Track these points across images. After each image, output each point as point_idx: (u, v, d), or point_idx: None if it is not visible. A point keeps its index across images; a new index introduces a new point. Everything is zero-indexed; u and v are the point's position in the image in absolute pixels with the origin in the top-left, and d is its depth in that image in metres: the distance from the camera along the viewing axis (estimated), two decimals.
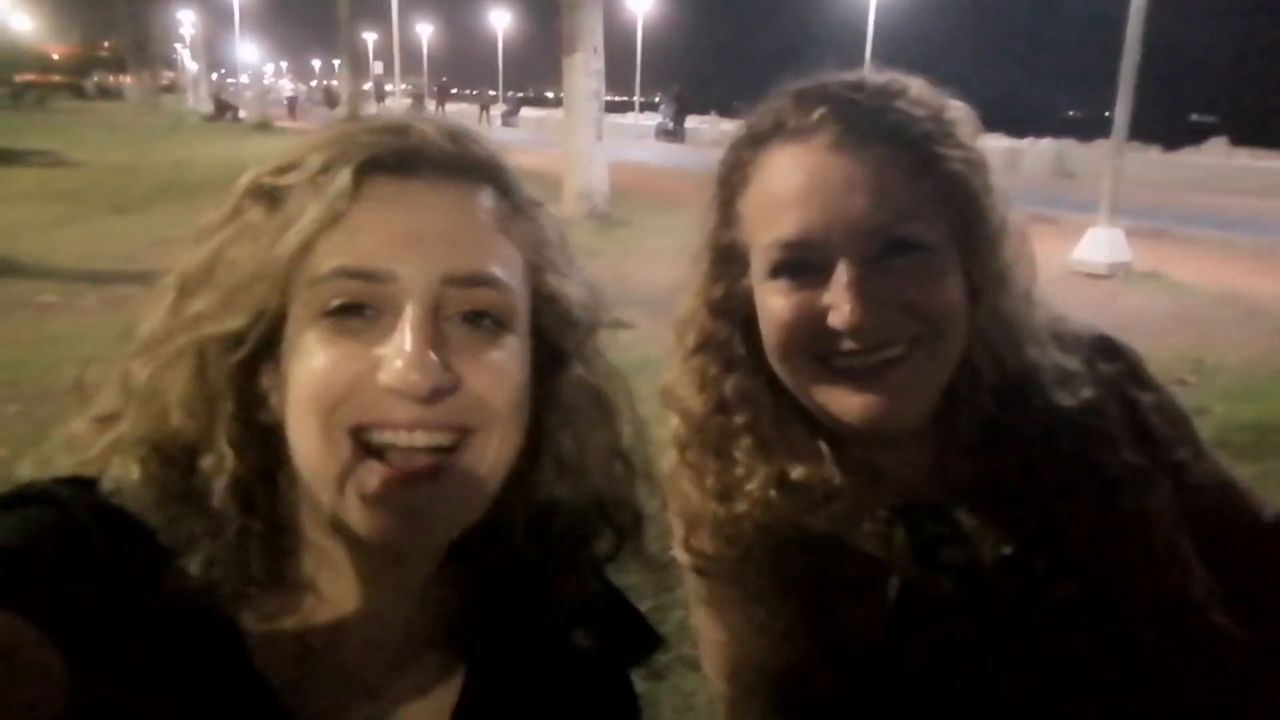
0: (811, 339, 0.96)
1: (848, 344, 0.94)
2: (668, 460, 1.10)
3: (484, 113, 42.80)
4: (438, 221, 0.74)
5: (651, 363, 1.17)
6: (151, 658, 0.69)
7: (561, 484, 0.85)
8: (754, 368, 1.05)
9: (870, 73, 1.02)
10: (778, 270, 0.97)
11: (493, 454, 0.75)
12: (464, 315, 0.74)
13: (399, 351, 0.70)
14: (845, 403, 0.96)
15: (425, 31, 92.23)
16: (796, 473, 1.02)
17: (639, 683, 1.00)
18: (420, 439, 0.71)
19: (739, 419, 1.05)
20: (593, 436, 0.85)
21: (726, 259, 1.04)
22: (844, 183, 0.94)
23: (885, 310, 0.93)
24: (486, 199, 0.78)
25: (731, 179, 1.03)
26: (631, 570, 1.07)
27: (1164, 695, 0.97)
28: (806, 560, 1.02)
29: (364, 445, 0.71)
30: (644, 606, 3.06)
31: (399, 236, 0.72)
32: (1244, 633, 0.99)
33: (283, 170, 0.75)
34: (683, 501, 1.09)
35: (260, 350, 0.75)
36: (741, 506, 1.04)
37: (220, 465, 0.74)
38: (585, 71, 12.61)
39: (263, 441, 0.76)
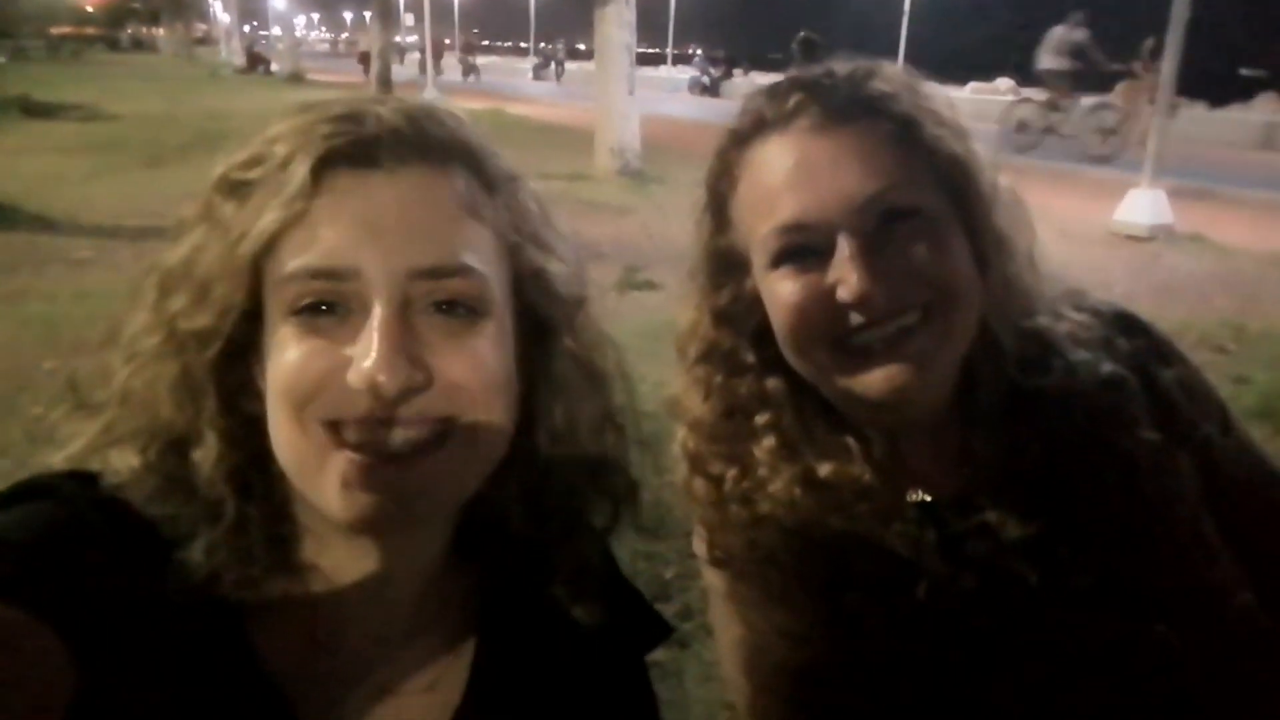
0: (824, 320, 0.95)
1: (859, 318, 0.94)
2: (680, 470, 1.10)
3: (558, 66, 41.11)
4: (400, 213, 0.72)
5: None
6: (156, 651, 0.69)
7: (554, 457, 0.84)
8: (769, 370, 1.05)
9: (837, 63, 1.03)
10: (780, 258, 0.97)
11: (479, 438, 0.74)
12: (436, 305, 0.72)
13: (366, 352, 0.68)
14: (868, 380, 0.95)
15: None
16: (824, 471, 1.01)
17: (660, 651, 1.00)
18: (397, 436, 0.70)
19: (760, 419, 1.05)
20: (584, 409, 0.85)
21: (726, 265, 1.04)
22: (831, 160, 0.95)
23: (892, 279, 0.92)
24: (453, 182, 0.75)
25: (720, 184, 1.04)
26: (660, 537, 1.05)
27: (1188, 681, 0.95)
28: (831, 560, 1.00)
29: (338, 436, 0.70)
30: (669, 574, 3.08)
31: (360, 231, 0.71)
32: (1273, 615, 0.97)
33: (249, 164, 0.74)
34: (700, 508, 1.08)
35: (243, 343, 0.74)
36: (765, 507, 1.03)
37: (210, 455, 0.74)
38: (617, 23, 12.44)
39: (253, 430, 0.75)
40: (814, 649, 1.01)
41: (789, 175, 0.96)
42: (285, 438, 0.72)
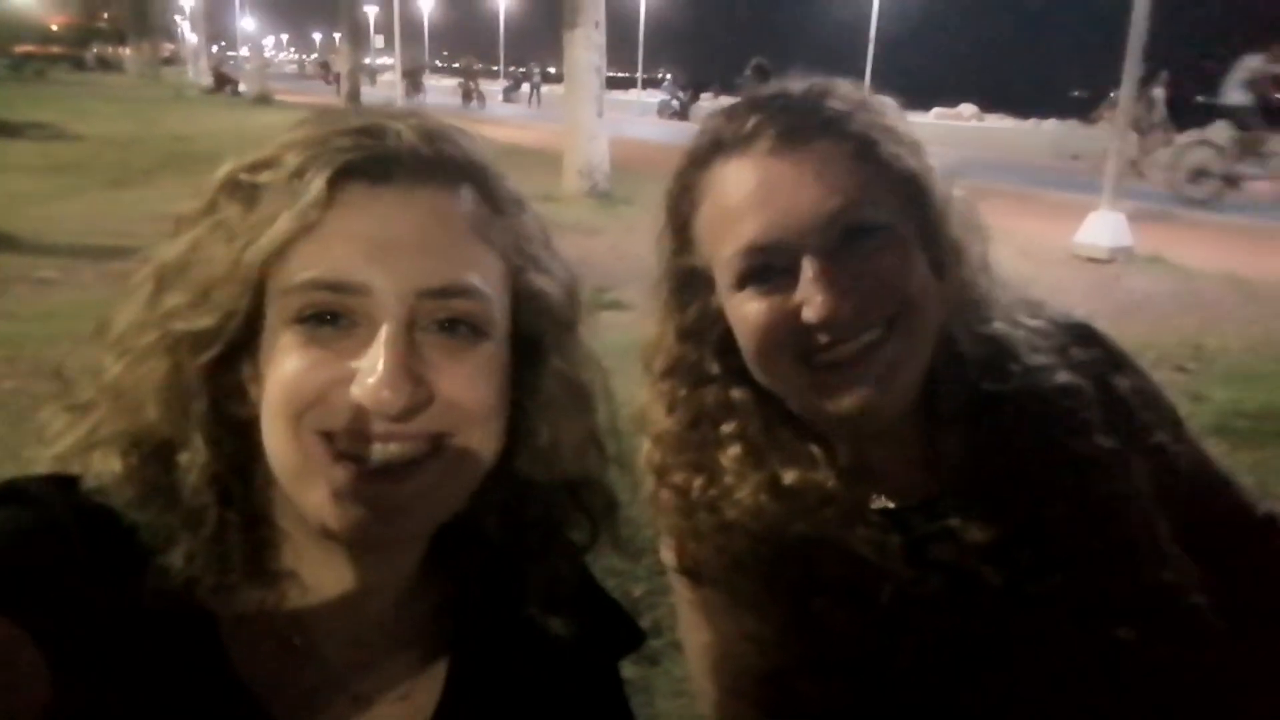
0: (790, 340, 0.96)
1: (825, 337, 0.95)
2: (646, 483, 1.11)
3: (534, 90, 40.44)
4: (412, 231, 0.73)
5: None
6: (131, 658, 0.69)
7: (536, 474, 0.85)
8: (734, 380, 1.06)
9: (792, 83, 1.05)
10: (744, 279, 0.98)
11: (469, 456, 0.75)
12: (439, 324, 0.73)
13: (372, 369, 0.69)
14: (835, 398, 0.97)
15: (426, 5, 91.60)
16: (789, 477, 1.03)
17: (630, 668, 1.00)
18: (394, 450, 0.71)
19: (726, 428, 1.06)
20: (569, 427, 0.85)
21: (689, 284, 1.06)
22: (791, 181, 0.96)
23: (855, 296, 0.94)
24: (464, 202, 0.77)
25: (681, 205, 1.05)
26: (622, 555, 1.06)
27: (1146, 683, 0.98)
28: (798, 566, 1.02)
29: (334, 448, 0.71)
30: (638, 591, 3.08)
31: (372, 248, 0.71)
32: (1223, 620, 1.00)
33: (259, 167, 0.74)
34: (667, 518, 1.10)
35: (237, 346, 0.74)
36: (731, 515, 1.04)
37: (196, 460, 0.74)
38: (586, 46, 12.51)
39: (239, 435, 0.75)
40: (781, 653, 1.02)
41: (749, 197, 0.97)
42: (280, 445, 0.72)
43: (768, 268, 0.97)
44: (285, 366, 0.71)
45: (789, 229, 0.95)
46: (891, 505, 1.05)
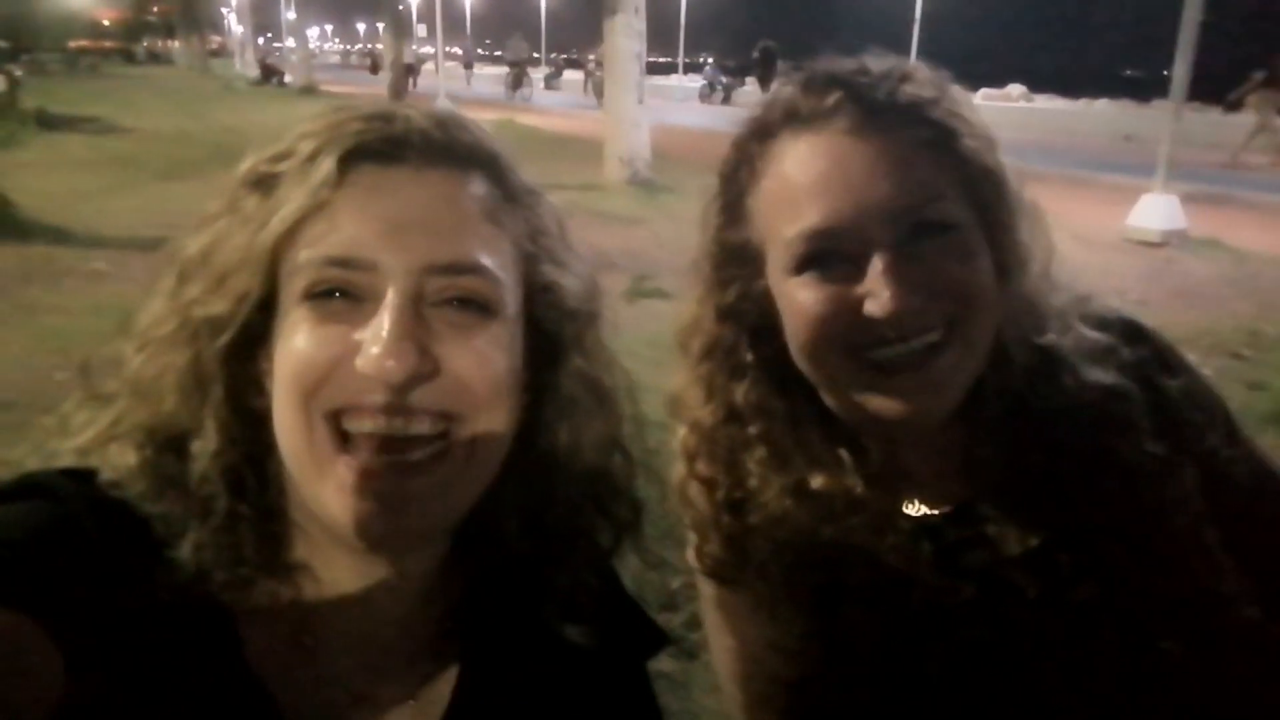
0: (846, 332, 0.92)
1: (884, 333, 0.90)
2: (677, 471, 1.08)
3: (588, 80, 36.34)
4: (421, 209, 0.73)
5: None
6: (145, 652, 0.69)
7: (557, 476, 0.84)
8: (764, 373, 1.02)
9: (871, 59, 0.98)
10: (804, 263, 0.93)
11: (478, 442, 0.74)
12: (448, 300, 0.73)
13: (376, 338, 0.69)
14: (886, 400, 0.93)
15: None
16: (816, 482, 1.00)
17: (669, 662, 1.00)
18: (399, 426, 0.70)
19: (752, 429, 1.02)
20: (590, 428, 0.84)
21: (737, 260, 1.00)
22: (868, 167, 0.91)
23: (921, 294, 0.89)
24: (475, 186, 0.77)
25: (738, 175, 0.99)
26: (668, 546, 1.05)
27: (1192, 694, 0.94)
28: (823, 572, 0.99)
29: (342, 434, 0.70)
30: (676, 583, 3.05)
31: (382, 225, 0.72)
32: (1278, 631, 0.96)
33: (277, 158, 0.75)
34: (693, 512, 1.07)
35: (254, 335, 0.75)
36: (755, 519, 1.01)
37: (209, 448, 0.74)
38: (626, 33, 12.46)
39: (254, 427, 0.75)
40: (806, 663, 1.00)
41: (822, 177, 0.92)
42: (291, 434, 0.72)
43: (832, 254, 0.92)
44: (295, 343, 0.71)
45: (862, 217, 0.90)
46: (924, 510, 1.02)
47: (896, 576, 0.97)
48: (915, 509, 1.02)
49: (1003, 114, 23.94)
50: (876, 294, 0.89)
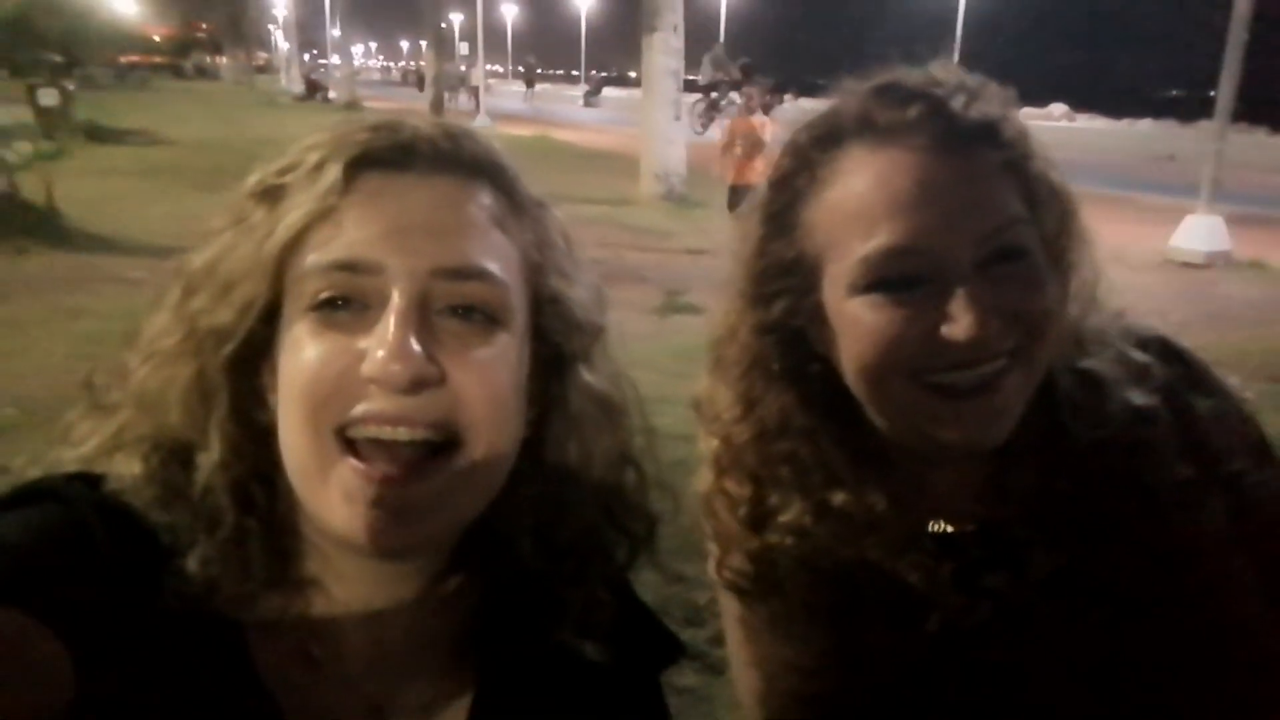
0: (914, 355, 0.88)
1: (956, 358, 0.87)
2: (703, 481, 1.06)
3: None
4: (427, 214, 0.72)
5: None
6: (154, 659, 0.69)
7: (567, 491, 0.82)
8: (795, 389, 0.99)
9: (939, 68, 0.94)
10: (876, 283, 0.89)
11: (481, 455, 0.73)
12: (453, 309, 0.72)
13: (381, 341, 0.68)
14: (951, 423, 0.89)
15: (510, 12, 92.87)
16: (838, 500, 0.97)
17: (693, 676, 0.98)
18: (403, 433, 0.69)
19: (777, 448, 1.00)
20: (599, 442, 0.83)
21: (785, 273, 0.95)
22: (951, 187, 0.87)
23: (995, 320, 0.86)
24: (482, 195, 0.76)
25: (795, 184, 0.94)
26: (693, 561, 1.03)
27: None
28: (842, 591, 0.97)
29: (348, 442, 0.69)
30: (702, 599, 3.02)
31: (387, 229, 0.71)
32: None
33: (283, 171, 0.75)
34: (716, 524, 1.05)
35: (258, 347, 0.74)
36: (774, 538, 0.99)
37: (215, 463, 0.73)
38: (664, 50, 12.53)
39: (261, 441, 0.75)
40: (824, 682, 0.98)
41: (903, 195, 0.87)
42: (296, 442, 0.71)
43: (907, 275, 0.88)
44: (302, 355, 0.70)
45: (943, 239, 0.86)
46: (947, 529, 0.99)
47: (916, 595, 0.95)
48: (938, 528, 1.00)
49: (1044, 133, 23.68)
50: (957, 319, 0.86)
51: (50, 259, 8.20)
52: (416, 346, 0.69)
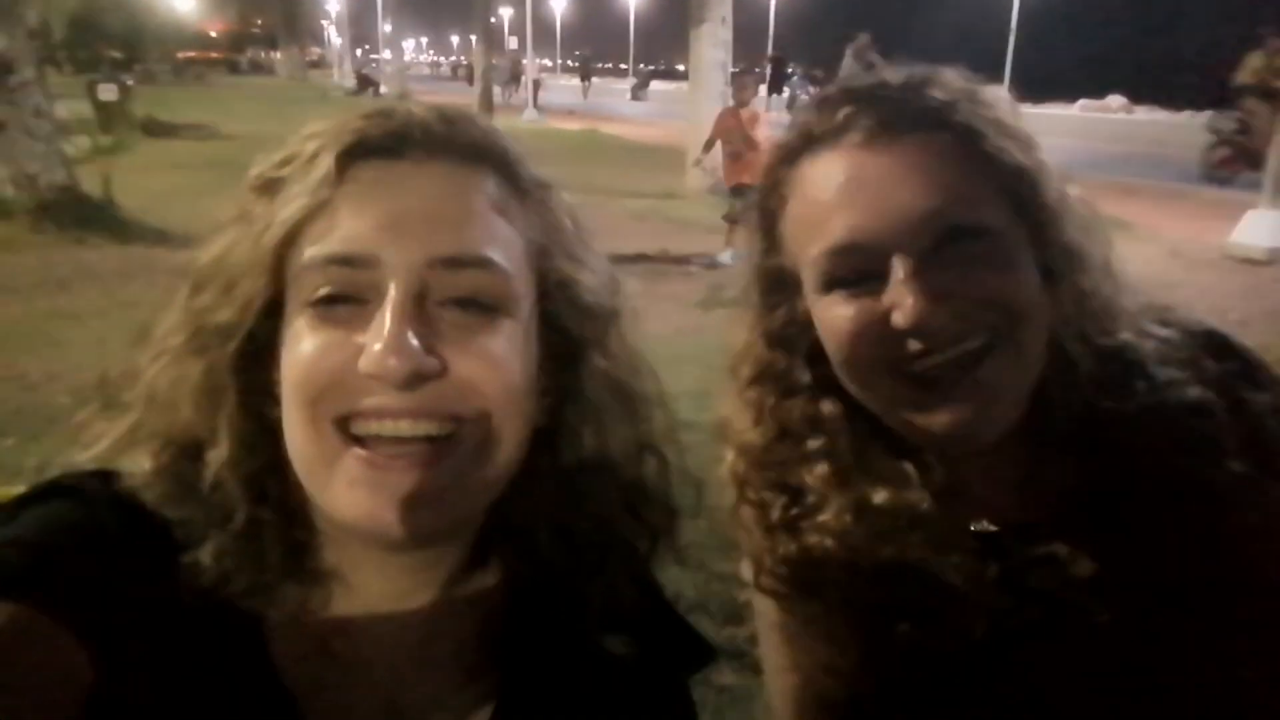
0: (880, 348, 0.89)
1: (917, 345, 0.88)
2: (728, 497, 1.06)
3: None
4: (423, 202, 0.71)
5: None
6: (171, 653, 0.69)
7: (584, 482, 0.81)
8: (824, 392, 1.00)
9: (891, 70, 0.97)
10: (831, 282, 0.92)
11: (490, 443, 0.71)
12: (455, 300, 0.70)
13: (377, 335, 0.67)
14: (929, 414, 0.89)
15: (559, 6, 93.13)
16: (879, 498, 0.96)
17: (732, 675, 0.97)
18: (405, 428, 0.68)
19: (812, 444, 0.99)
20: (617, 432, 0.81)
21: (778, 285, 1.00)
22: (884, 176, 0.89)
23: (952, 303, 0.86)
24: (481, 180, 0.74)
25: (770, 202, 0.99)
26: (734, 559, 1.02)
27: None
28: (883, 592, 0.95)
29: (349, 434, 0.69)
30: (744, 596, 3.02)
31: (382, 220, 0.70)
32: None
33: (282, 163, 0.74)
34: (748, 536, 1.04)
35: (265, 343, 0.74)
36: (812, 539, 0.98)
37: (225, 459, 0.73)
38: (711, 42, 12.48)
39: (273, 435, 0.74)
40: (861, 685, 0.97)
41: (839, 193, 0.91)
42: (297, 435, 0.71)
43: (857, 269, 0.90)
44: (300, 350, 0.70)
45: (880, 228, 0.88)
46: (990, 528, 0.97)
47: (959, 596, 0.93)
48: (981, 526, 0.98)
49: (1101, 125, 23.24)
50: (900, 303, 0.87)
51: (107, 251, 8.40)
52: (414, 341, 0.67)
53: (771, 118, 9.02)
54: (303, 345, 0.70)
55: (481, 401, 0.71)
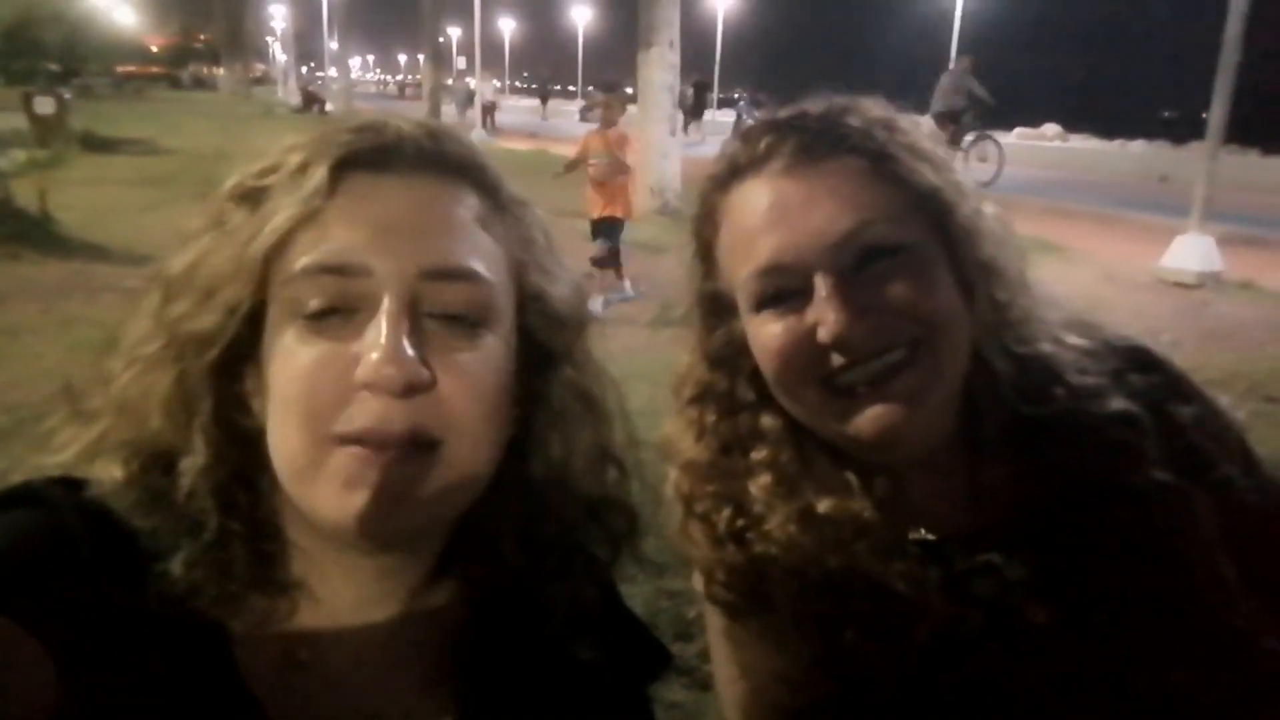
0: (807, 362, 0.94)
1: (840, 358, 0.92)
2: (675, 515, 1.08)
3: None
4: (413, 215, 0.73)
5: None
6: (138, 663, 0.68)
7: (550, 487, 0.83)
8: (766, 407, 1.04)
9: (812, 100, 1.03)
10: (761, 302, 0.97)
11: (461, 458, 0.73)
12: (441, 314, 0.72)
13: (374, 345, 0.68)
14: (857, 422, 0.94)
15: (508, 27, 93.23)
16: (824, 506, 0.99)
17: (682, 692, 0.98)
18: (397, 422, 0.69)
19: (756, 456, 1.03)
20: (581, 438, 0.83)
21: (716, 309, 1.04)
22: (804, 200, 0.94)
23: (872, 316, 0.91)
24: (465, 195, 0.77)
25: (704, 229, 1.04)
26: (683, 576, 1.03)
27: None
28: (829, 600, 0.98)
29: (338, 436, 0.69)
30: (691, 613, 3.02)
31: (374, 230, 0.71)
32: None
33: (264, 173, 0.75)
34: (697, 551, 1.06)
35: (240, 352, 0.74)
36: (760, 548, 1.01)
37: (198, 465, 0.73)
38: (660, 66, 12.60)
39: (244, 444, 0.74)
40: (811, 693, 0.98)
41: (763, 218, 0.96)
42: (289, 449, 0.71)
43: (783, 289, 0.95)
44: (296, 363, 0.70)
45: (802, 249, 0.93)
46: (931, 537, 1.00)
47: (904, 604, 0.96)
48: (919, 535, 1.01)
49: (1037, 153, 23.88)
50: (823, 319, 0.91)
51: (44, 267, 8.19)
52: (410, 350, 0.68)
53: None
54: (298, 358, 0.70)
55: (457, 418, 0.72)
